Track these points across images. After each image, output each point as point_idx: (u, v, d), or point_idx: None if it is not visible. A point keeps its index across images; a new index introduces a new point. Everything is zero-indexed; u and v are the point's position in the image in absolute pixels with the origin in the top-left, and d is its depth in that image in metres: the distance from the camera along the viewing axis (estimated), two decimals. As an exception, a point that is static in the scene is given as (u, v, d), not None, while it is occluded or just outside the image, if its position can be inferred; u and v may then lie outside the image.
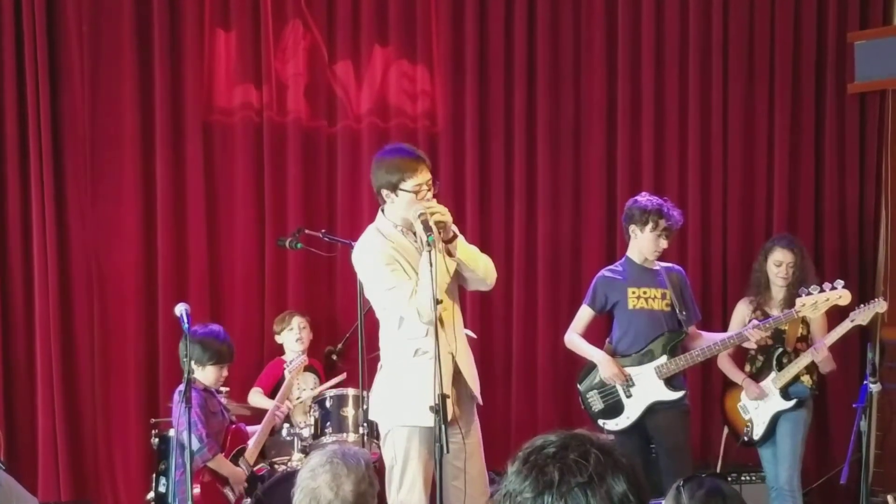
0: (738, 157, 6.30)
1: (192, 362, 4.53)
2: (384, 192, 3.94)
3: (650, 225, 4.89)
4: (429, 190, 3.88)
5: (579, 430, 1.71)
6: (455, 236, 3.91)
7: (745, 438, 5.18)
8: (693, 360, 4.94)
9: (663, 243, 4.94)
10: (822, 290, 4.82)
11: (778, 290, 5.19)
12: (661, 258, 5.04)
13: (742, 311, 5.32)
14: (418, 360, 3.92)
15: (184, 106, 5.68)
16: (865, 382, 4.68)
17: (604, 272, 5.09)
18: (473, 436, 4.07)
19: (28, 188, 5.48)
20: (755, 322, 4.97)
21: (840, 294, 4.82)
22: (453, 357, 3.94)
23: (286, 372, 5.31)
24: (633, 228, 4.97)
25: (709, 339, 5.02)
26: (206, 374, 4.77)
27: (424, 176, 3.88)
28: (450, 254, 3.88)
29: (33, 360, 5.53)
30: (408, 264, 3.91)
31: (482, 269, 4.04)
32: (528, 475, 1.63)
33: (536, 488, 1.62)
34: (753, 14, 6.27)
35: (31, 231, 5.49)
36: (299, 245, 5.28)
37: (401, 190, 3.88)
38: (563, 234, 6.16)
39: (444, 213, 3.81)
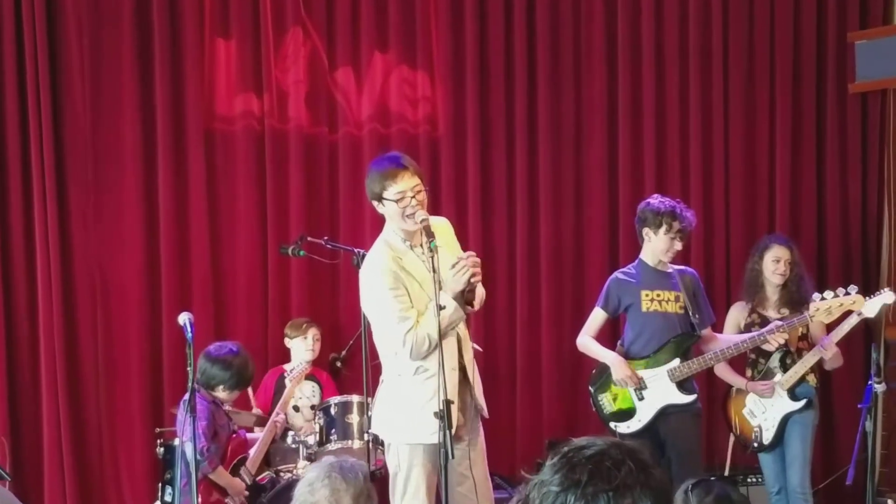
0: (740, 158, 6.29)
1: (215, 382, 4.66)
2: (374, 202, 3.94)
3: (664, 227, 4.85)
4: (414, 196, 3.83)
5: (628, 441, 1.79)
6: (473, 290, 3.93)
7: (755, 444, 5.12)
8: (706, 363, 4.90)
9: (678, 245, 4.91)
10: (835, 296, 4.81)
11: (773, 290, 5.15)
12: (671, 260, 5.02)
13: (735, 316, 5.27)
14: (419, 378, 3.89)
15: (185, 115, 5.68)
16: (870, 383, 4.68)
17: (617, 274, 5.06)
18: (477, 444, 4.06)
19: (31, 199, 5.48)
20: (777, 323, 4.93)
21: (854, 299, 4.82)
22: (464, 369, 3.93)
23: (287, 380, 5.30)
24: (646, 231, 4.93)
25: (723, 341, 4.98)
26: (225, 394, 4.78)
27: (408, 182, 3.83)
28: (470, 304, 3.91)
29: (38, 371, 5.53)
30: (414, 281, 3.87)
31: (479, 305, 4.09)
32: (560, 470, 1.71)
33: (563, 484, 1.69)
34: (753, 14, 6.27)
35: (34, 242, 5.48)
36: (302, 252, 5.28)
37: (385, 199, 3.86)
38: (566, 237, 6.15)
39: (478, 273, 3.80)
